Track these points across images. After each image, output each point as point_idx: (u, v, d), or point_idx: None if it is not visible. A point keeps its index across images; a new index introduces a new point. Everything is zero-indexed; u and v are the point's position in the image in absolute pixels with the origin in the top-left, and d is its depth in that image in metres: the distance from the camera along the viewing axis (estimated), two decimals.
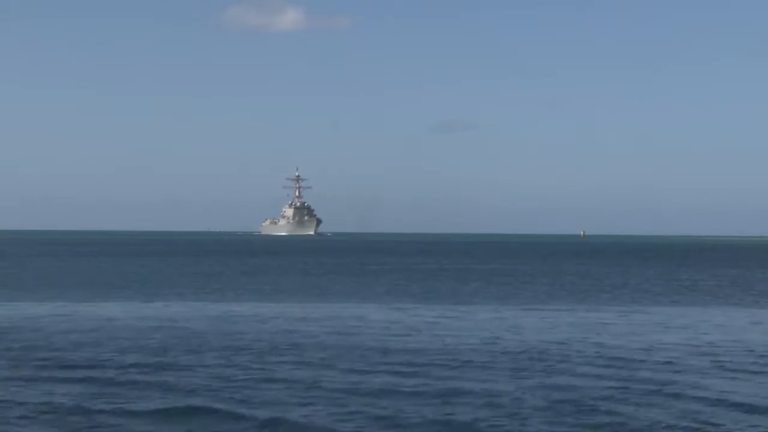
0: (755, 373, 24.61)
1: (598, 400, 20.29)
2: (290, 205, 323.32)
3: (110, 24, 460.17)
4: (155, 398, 20.55)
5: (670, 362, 26.21)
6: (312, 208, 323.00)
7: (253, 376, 23.12)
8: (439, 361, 26.12)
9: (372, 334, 32.94)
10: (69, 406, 19.65)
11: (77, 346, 29.10)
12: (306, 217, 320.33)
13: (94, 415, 18.95)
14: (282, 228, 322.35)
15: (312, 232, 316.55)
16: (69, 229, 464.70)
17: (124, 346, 29.22)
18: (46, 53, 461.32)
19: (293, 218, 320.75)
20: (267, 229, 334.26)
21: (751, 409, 19.68)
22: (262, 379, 22.97)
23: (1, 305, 44.77)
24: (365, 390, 21.20)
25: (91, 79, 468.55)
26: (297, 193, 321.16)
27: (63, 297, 50.46)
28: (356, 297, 51.76)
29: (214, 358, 26.46)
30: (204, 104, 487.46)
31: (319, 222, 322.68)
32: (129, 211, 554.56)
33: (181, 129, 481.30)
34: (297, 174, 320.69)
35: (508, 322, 37.82)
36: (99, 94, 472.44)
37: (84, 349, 28.47)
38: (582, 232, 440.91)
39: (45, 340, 30.65)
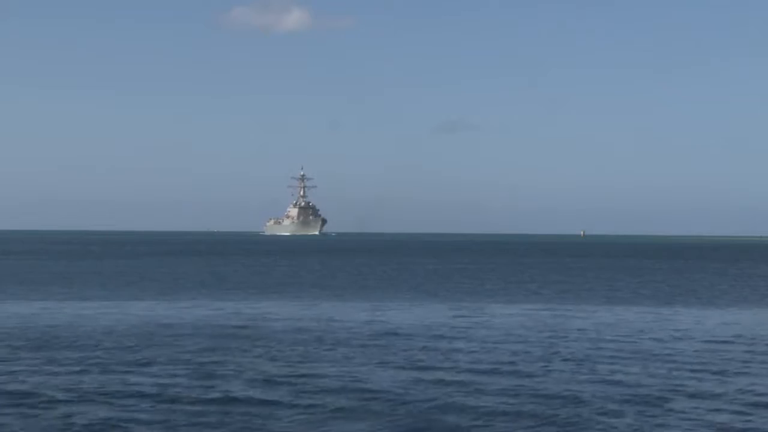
0: None
1: None
2: (295, 205, 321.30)
3: (113, 24, 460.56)
4: None
5: None
6: (317, 207, 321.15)
7: None
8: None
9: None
10: None
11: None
12: (311, 217, 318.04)
13: None
14: (286, 228, 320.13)
15: (317, 232, 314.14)
16: (69, 230, 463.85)
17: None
18: (47, 53, 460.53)
19: (298, 218, 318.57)
20: (271, 229, 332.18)
21: None
22: None
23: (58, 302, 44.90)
24: None
25: (94, 79, 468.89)
26: (302, 193, 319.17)
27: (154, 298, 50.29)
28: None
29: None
30: (207, 104, 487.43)
31: (324, 222, 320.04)
32: (129, 212, 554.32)
33: (183, 129, 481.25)
34: (302, 173, 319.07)
35: None
36: (102, 93, 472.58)
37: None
38: (582, 232, 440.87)
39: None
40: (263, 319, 36.99)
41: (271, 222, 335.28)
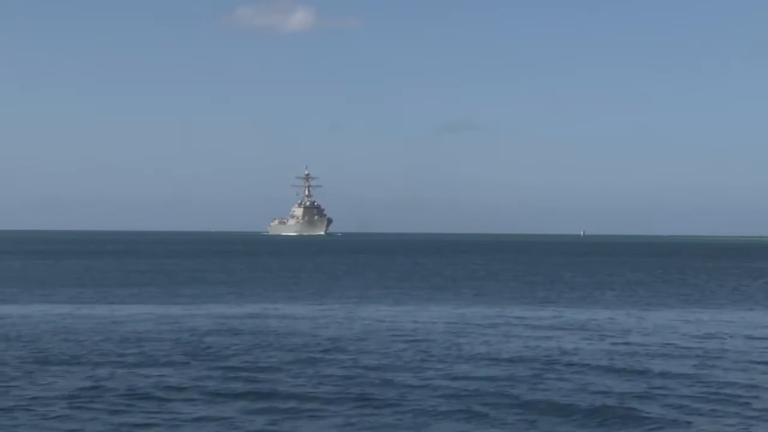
0: None
1: None
2: (300, 205, 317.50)
3: (116, 23, 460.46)
4: None
5: None
6: (322, 207, 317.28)
7: None
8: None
9: None
10: None
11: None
12: (316, 217, 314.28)
13: None
14: (291, 228, 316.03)
15: (322, 232, 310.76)
16: (71, 230, 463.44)
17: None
18: (49, 52, 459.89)
19: (303, 218, 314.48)
20: (275, 229, 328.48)
21: None
22: None
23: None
24: None
25: (96, 79, 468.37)
26: (307, 192, 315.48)
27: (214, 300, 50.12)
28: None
29: None
30: (211, 103, 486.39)
31: (329, 222, 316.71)
32: (129, 212, 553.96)
33: (186, 128, 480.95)
34: (306, 173, 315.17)
35: None
36: (104, 93, 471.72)
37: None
38: (582, 232, 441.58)
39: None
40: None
41: (276, 222, 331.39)
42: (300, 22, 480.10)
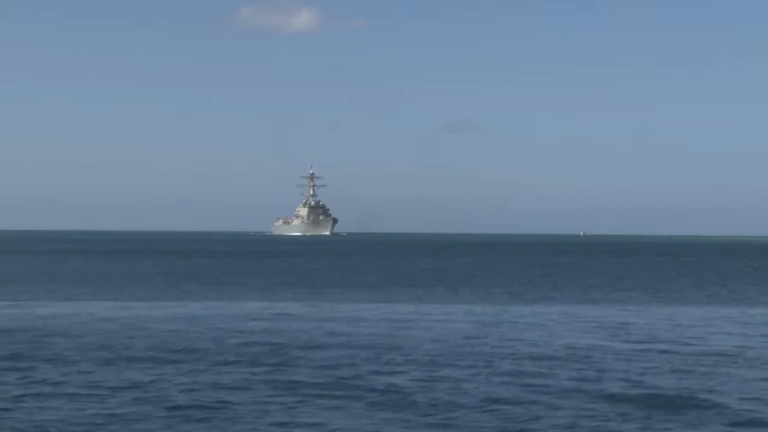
0: None
1: None
2: (304, 204, 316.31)
3: (118, 23, 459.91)
4: None
5: None
6: (327, 207, 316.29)
7: None
8: None
9: None
10: None
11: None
12: (321, 217, 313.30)
13: None
14: (296, 228, 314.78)
15: (328, 232, 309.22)
16: (72, 229, 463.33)
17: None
18: (51, 52, 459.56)
19: (308, 218, 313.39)
20: (279, 229, 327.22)
21: None
22: None
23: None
24: None
25: (98, 79, 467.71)
26: (311, 192, 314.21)
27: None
28: None
29: None
30: (213, 103, 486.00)
31: (335, 221, 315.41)
32: (131, 212, 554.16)
33: (188, 128, 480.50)
34: (311, 172, 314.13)
35: None
36: (106, 93, 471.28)
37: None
38: (582, 232, 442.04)
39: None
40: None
41: (280, 222, 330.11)
42: (304, 23, 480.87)
